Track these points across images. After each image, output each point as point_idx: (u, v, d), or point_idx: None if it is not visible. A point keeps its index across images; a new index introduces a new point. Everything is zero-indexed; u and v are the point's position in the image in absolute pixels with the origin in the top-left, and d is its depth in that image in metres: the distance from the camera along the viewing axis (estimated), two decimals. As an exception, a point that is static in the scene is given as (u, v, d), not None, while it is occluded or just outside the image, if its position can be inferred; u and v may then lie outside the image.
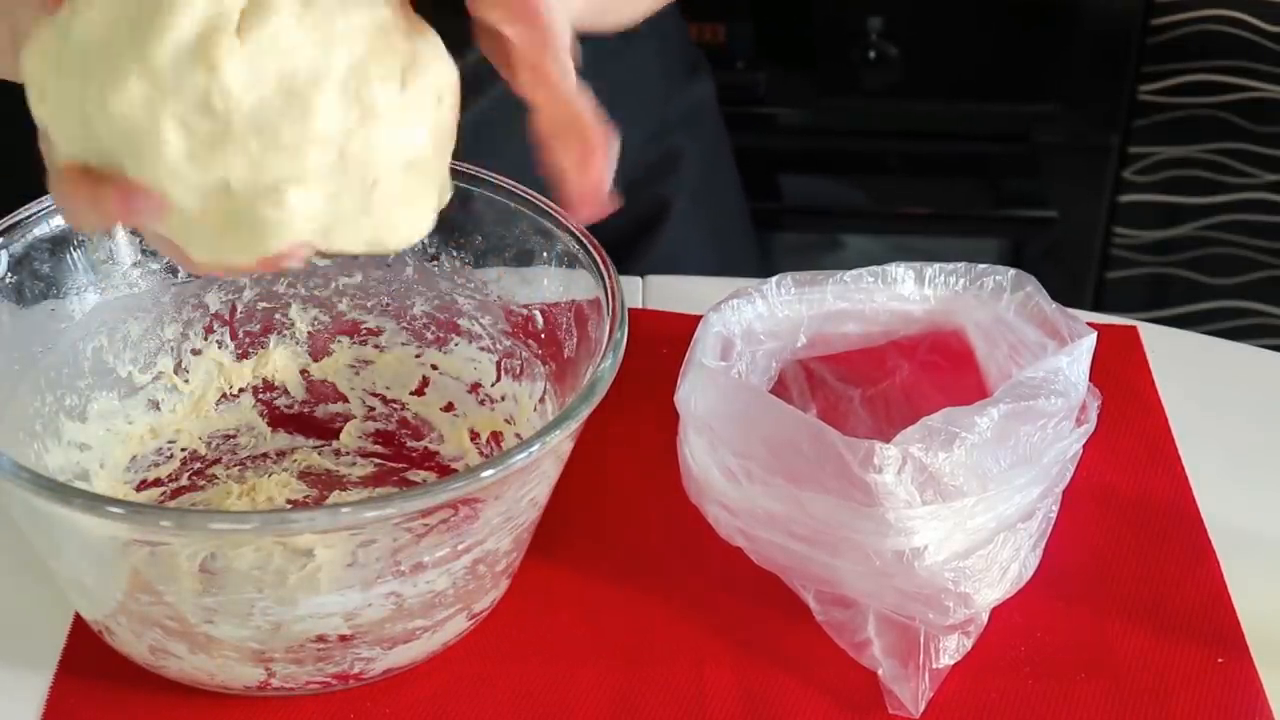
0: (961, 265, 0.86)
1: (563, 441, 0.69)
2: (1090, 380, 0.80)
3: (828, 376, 0.89)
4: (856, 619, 0.76)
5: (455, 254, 0.83)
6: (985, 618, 0.75)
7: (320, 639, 0.69)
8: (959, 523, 0.73)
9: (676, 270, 1.05)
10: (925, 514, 0.72)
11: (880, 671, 0.74)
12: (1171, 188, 1.84)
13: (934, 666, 0.74)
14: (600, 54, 0.85)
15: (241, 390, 0.85)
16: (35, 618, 0.76)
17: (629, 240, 1.09)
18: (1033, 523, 0.76)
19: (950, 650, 0.74)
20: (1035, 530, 0.76)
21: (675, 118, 1.11)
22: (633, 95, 1.06)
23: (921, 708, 0.73)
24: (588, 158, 0.62)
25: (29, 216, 0.77)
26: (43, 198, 0.79)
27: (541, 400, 0.81)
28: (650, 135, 1.09)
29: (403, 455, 0.85)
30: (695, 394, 0.78)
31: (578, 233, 0.78)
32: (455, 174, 0.82)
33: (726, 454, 0.76)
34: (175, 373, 0.83)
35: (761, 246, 1.31)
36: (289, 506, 0.81)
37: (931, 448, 0.72)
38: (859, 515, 0.72)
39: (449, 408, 0.85)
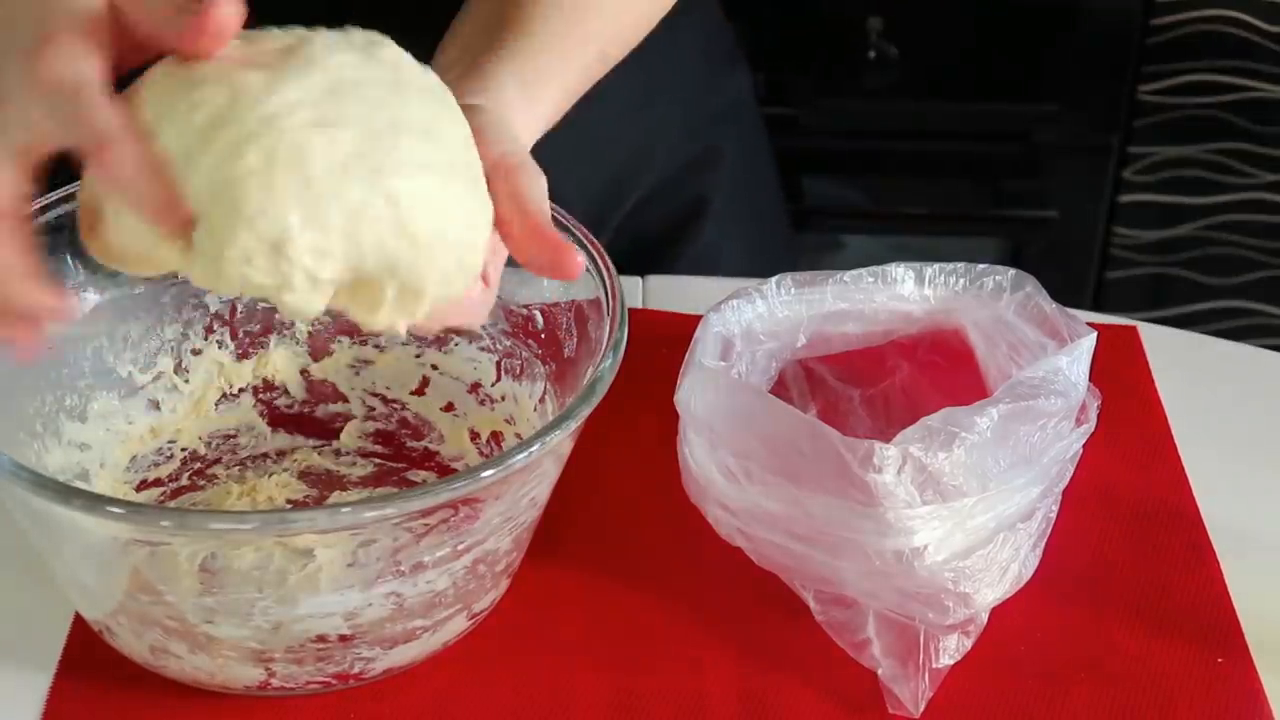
0: (961, 265, 0.86)
1: (563, 441, 0.69)
2: (1090, 380, 0.80)
3: (828, 376, 0.89)
4: (856, 619, 0.76)
5: (455, 254, 0.83)
6: (985, 618, 0.75)
7: (320, 639, 0.69)
8: (959, 523, 0.73)
9: (715, 268, 1.04)
10: (925, 514, 0.72)
11: (880, 671, 0.74)
12: (1171, 188, 1.84)
13: (934, 666, 0.74)
14: (643, 48, 0.85)
15: (241, 390, 0.85)
16: (35, 618, 0.76)
17: (667, 237, 1.09)
18: (1033, 523, 0.76)
19: (950, 650, 0.74)
20: (1035, 530, 0.76)
21: (715, 114, 1.10)
22: (673, 90, 1.05)
23: (921, 707, 0.73)
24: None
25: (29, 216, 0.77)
26: (42, 198, 0.79)
27: (541, 400, 0.81)
28: (690, 131, 1.08)
29: (403, 455, 0.85)
30: (695, 394, 0.78)
31: (578, 233, 0.78)
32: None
33: (726, 454, 0.76)
34: (175, 373, 0.83)
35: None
36: (289, 506, 0.81)
37: (931, 448, 0.72)
38: (859, 515, 0.72)
39: (449, 408, 0.85)
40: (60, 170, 0.63)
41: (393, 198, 0.59)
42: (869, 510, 0.72)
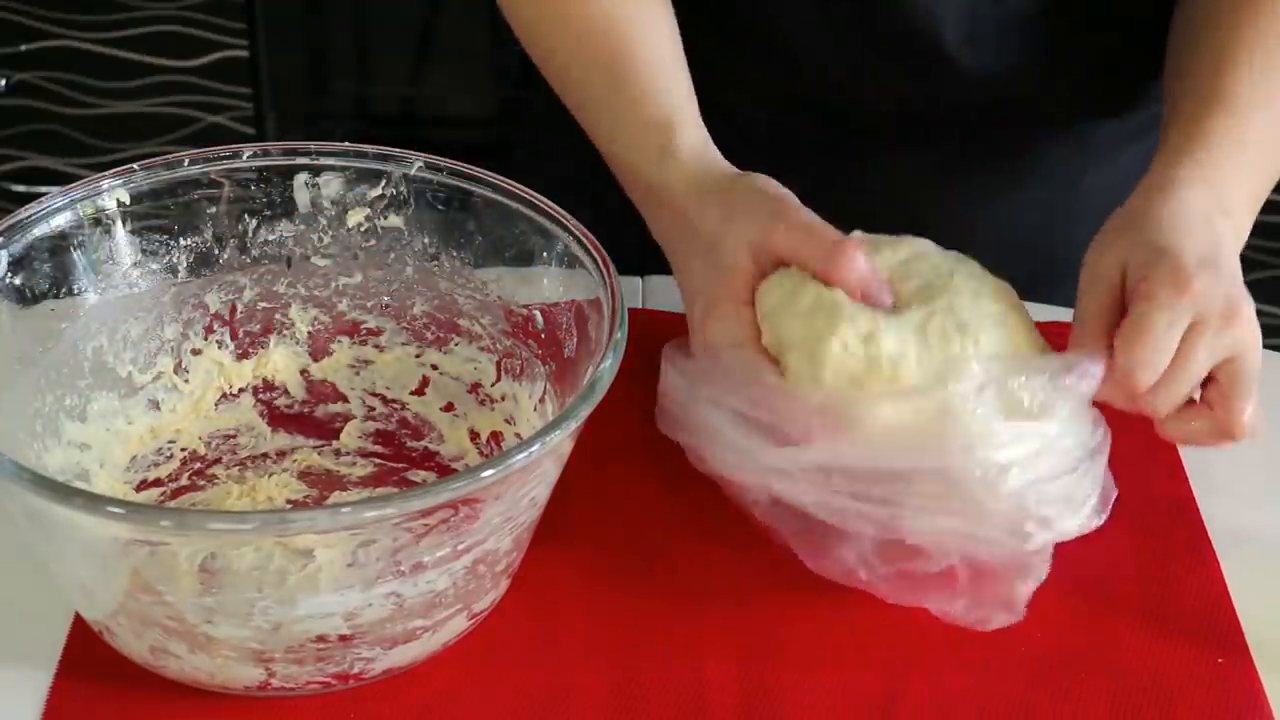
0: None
1: (563, 441, 0.69)
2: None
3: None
4: (928, 560, 0.74)
5: (455, 254, 0.83)
6: (1050, 555, 0.75)
7: (320, 639, 0.69)
8: (1047, 444, 0.72)
9: None
10: (1013, 430, 0.72)
11: (958, 608, 0.74)
12: (1172, 188, 1.84)
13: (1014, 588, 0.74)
14: None
15: (241, 390, 0.85)
16: (35, 618, 0.76)
17: None
18: (1102, 460, 0.76)
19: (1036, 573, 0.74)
20: (1101, 472, 0.76)
21: None
22: None
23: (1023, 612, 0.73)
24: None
25: (29, 216, 0.77)
26: (41, 198, 0.79)
27: (541, 400, 0.81)
28: None
29: (403, 455, 0.85)
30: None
31: (578, 233, 0.78)
32: (454, 173, 0.83)
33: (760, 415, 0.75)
34: (175, 373, 0.83)
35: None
36: (289, 506, 0.81)
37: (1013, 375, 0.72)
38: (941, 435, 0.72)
39: (449, 408, 0.85)
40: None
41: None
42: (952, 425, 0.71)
